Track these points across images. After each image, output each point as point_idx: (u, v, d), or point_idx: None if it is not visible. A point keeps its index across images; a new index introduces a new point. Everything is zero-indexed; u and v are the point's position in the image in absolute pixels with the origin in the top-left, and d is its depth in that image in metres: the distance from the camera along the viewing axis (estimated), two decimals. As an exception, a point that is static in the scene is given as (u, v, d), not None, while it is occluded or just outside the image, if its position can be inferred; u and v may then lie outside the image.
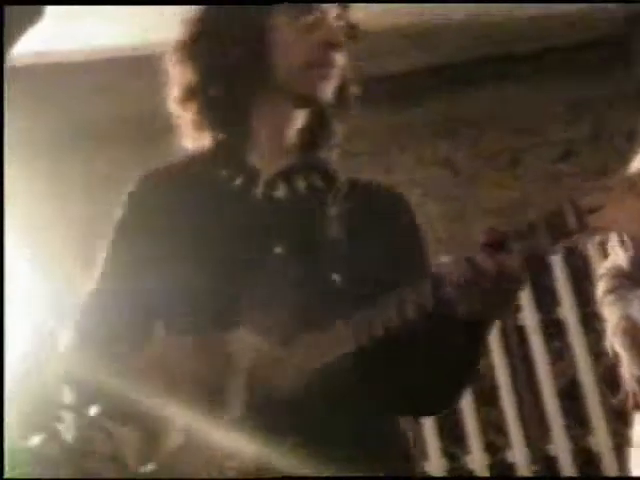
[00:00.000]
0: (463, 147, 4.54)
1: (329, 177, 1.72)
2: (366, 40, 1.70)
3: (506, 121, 4.51)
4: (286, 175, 1.70)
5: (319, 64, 1.66)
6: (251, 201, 1.67)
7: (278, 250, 1.60)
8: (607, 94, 4.42)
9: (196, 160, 1.75)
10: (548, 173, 4.48)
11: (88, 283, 1.71)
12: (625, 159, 2.24)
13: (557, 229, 1.36)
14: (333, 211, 1.65)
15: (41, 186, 4.11)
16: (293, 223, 1.66)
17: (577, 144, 4.53)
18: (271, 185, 1.68)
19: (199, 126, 1.72)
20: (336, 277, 1.58)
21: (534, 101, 4.48)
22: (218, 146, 1.72)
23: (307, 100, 1.69)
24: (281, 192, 1.68)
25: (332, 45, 1.67)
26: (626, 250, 2.28)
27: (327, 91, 1.68)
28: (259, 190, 1.68)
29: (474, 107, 4.46)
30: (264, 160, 1.71)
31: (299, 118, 1.71)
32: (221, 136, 1.71)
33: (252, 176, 1.69)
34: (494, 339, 3.88)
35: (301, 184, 1.70)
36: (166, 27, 1.67)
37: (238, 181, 1.70)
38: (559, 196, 1.37)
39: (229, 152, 1.72)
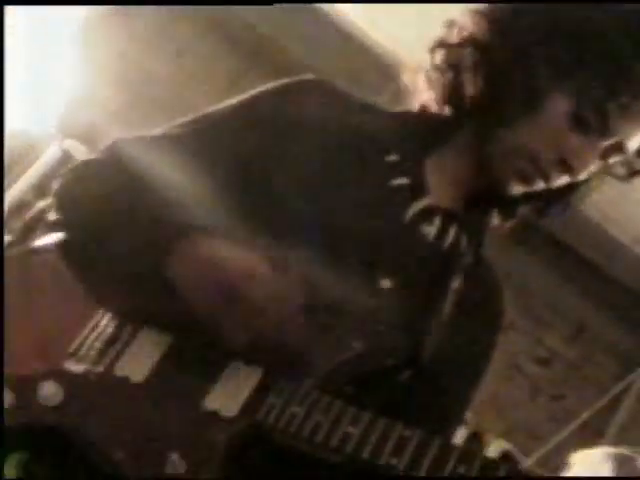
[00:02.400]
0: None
1: (473, 244, 1.42)
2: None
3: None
4: (446, 215, 1.39)
5: (536, 168, 1.34)
6: (393, 216, 1.36)
7: (386, 284, 1.33)
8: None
9: (377, 113, 1.43)
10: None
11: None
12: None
13: None
14: (454, 283, 1.36)
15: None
16: (417, 269, 1.36)
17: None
18: (426, 215, 1.37)
19: (433, 83, 1.39)
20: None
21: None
22: (420, 119, 1.41)
23: (491, 180, 1.38)
24: (431, 229, 1.37)
25: (568, 167, 1.33)
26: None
27: (510, 190, 1.37)
28: (410, 211, 1.36)
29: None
30: (438, 182, 1.39)
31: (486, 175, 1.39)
32: (443, 108, 1.39)
33: (415, 188, 1.38)
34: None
35: (451, 235, 1.39)
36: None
37: (398, 181, 1.37)
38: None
39: (426, 136, 1.40)
